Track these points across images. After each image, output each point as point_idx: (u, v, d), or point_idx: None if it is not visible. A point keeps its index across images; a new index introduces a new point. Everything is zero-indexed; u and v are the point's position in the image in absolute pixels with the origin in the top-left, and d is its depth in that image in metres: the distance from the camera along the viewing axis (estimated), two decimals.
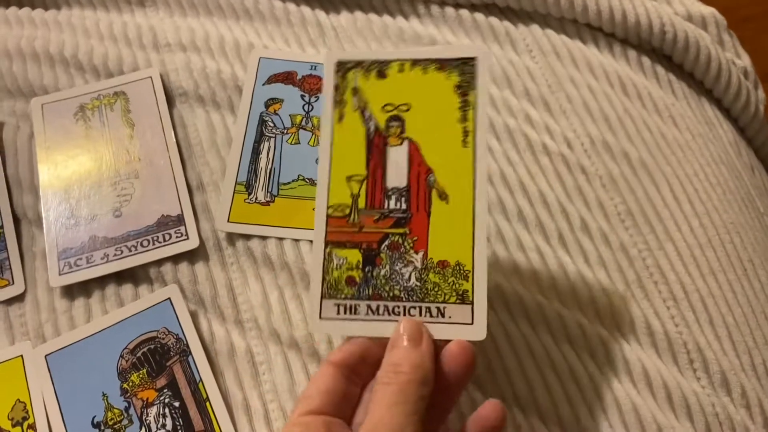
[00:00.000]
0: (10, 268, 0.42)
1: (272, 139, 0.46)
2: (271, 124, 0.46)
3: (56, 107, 0.48)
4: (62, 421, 0.37)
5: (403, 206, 0.34)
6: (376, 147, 0.35)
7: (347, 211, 0.35)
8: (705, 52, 0.51)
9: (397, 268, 0.34)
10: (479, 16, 0.51)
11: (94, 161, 0.45)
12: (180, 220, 0.43)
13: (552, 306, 0.42)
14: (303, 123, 0.47)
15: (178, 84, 0.48)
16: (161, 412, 0.38)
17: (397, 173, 0.35)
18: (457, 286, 0.33)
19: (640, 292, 0.43)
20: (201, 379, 0.39)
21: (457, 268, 0.33)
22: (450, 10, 0.52)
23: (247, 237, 0.43)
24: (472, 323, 0.32)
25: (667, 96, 0.50)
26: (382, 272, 0.34)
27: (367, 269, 0.34)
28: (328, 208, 0.34)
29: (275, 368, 0.40)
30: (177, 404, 0.38)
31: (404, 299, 0.33)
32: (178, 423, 0.38)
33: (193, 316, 0.41)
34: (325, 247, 0.34)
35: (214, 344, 0.40)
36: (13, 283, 0.42)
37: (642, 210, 0.45)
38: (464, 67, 0.35)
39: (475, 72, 0.34)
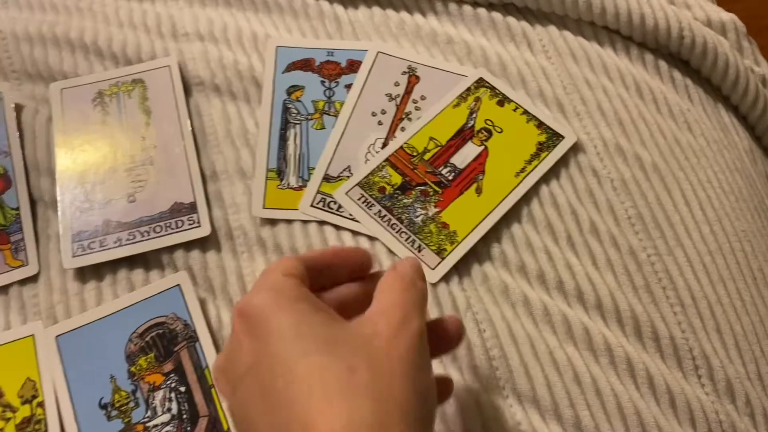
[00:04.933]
0: (25, 250, 0.43)
1: (298, 126, 0.47)
2: (295, 111, 0.47)
3: (75, 92, 0.48)
4: (71, 402, 0.38)
5: (449, 178, 0.45)
6: (462, 135, 0.47)
7: (415, 153, 0.46)
8: (723, 58, 0.51)
9: (415, 205, 0.44)
10: (497, 15, 0.51)
11: (110, 147, 0.46)
12: (193, 207, 0.44)
13: (557, 306, 0.42)
14: (326, 108, 0.48)
15: (195, 73, 0.49)
16: (167, 396, 0.38)
17: (462, 158, 0.46)
18: (442, 242, 0.43)
19: (648, 297, 0.42)
20: (207, 366, 0.39)
21: (452, 233, 0.43)
22: (468, 9, 0.52)
23: (273, 223, 0.44)
24: (433, 269, 0.42)
25: (683, 101, 0.50)
26: (405, 201, 0.44)
27: (397, 191, 0.45)
28: (405, 143, 0.46)
29: None
30: (183, 389, 0.39)
31: (405, 225, 0.43)
32: (183, 408, 0.38)
33: (202, 302, 0.42)
34: (384, 161, 0.45)
35: (221, 331, 0.41)
36: (28, 264, 0.43)
37: (653, 215, 0.45)
38: (553, 137, 0.47)
39: (557, 144, 0.46)
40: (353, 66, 0.49)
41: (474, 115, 0.48)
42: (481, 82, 0.49)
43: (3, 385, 0.39)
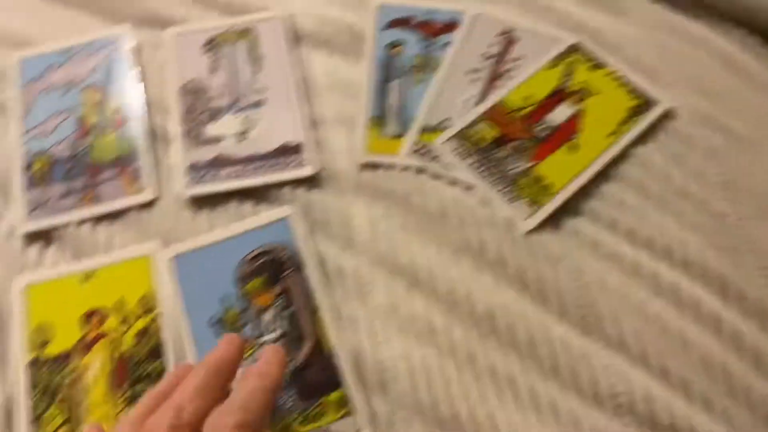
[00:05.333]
0: (143, 178, 0.46)
1: (398, 79, 0.49)
2: (396, 65, 0.50)
3: (188, 38, 0.51)
4: (185, 318, 0.41)
5: (543, 135, 0.47)
6: (557, 96, 0.49)
7: (510, 110, 0.48)
8: None
9: (510, 158, 0.46)
10: None
11: (222, 89, 0.49)
12: (300, 149, 0.46)
13: (646, 262, 0.43)
14: (424, 64, 0.50)
15: (301, 26, 0.51)
16: (275, 317, 0.41)
17: (556, 117, 0.48)
18: (535, 195, 0.45)
19: (735, 259, 0.43)
20: (313, 292, 0.41)
21: (545, 187, 0.45)
22: None
23: (374, 167, 0.46)
24: (526, 219, 0.44)
25: None
26: (500, 154, 0.46)
27: (492, 145, 0.47)
28: (501, 100, 0.48)
29: (380, 291, 0.42)
30: (290, 312, 0.41)
31: (499, 176, 0.45)
32: (289, 329, 0.41)
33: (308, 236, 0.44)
34: (480, 116, 0.48)
35: (324, 264, 0.43)
36: (145, 191, 0.46)
37: (741, 182, 0.46)
38: (645, 103, 0.48)
39: (650, 110, 0.48)
40: (451, 26, 0.51)
41: (569, 78, 0.49)
42: (576, 47, 0.50)
43: (122, 298, 0.42)
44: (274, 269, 0.42)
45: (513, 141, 0.47)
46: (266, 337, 0.40)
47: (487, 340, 0.41)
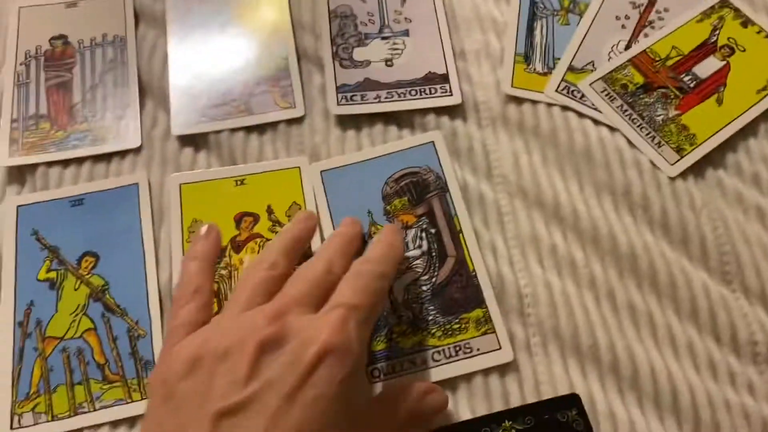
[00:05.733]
0: (293, 94, 0.47)
1: (544, 19, 0.49)
2: (542, 6, 0.50)
3: None
4: (333, 228, 0.42)
5: (690, 85, 0.47)
6: (704, 49, 0.48)
7: (658, 58, 0.48)
8: None
9: (656, 105, 0.46)
10: None
11: (370, 14, 0.50)
12: (445, 78, 0.47)
13: None
14: (571, 7, 0.50)
15: None
16: (418, 235, 0.42)
17: (704, 69, 0.48)
18: (681, 142, 0.45)
19: None
20: (456, 214, 0.42)
21: (691, 135, 0.45)
22: None
23: (519, 101, 0.46)
24: (672, 164, 0.44)
25: None
26: (647, 100, 0.46)
27: (639, 90, 0.47)
28: (648, 48, 0.48)
29: (520, 220, 0.43)
30: (433, 231, 0.42)
31: (645, 121, 0.46)
32: (432, 246, 0.42)
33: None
34: (627, 61, 0.48)
35: (466, 191, 0.44)
36: (295, 107, 0.47)
37: None
38: None
39: None
40: None
41: (717, 32, 0.49)
42: (725, 2, 0.50)
43: (272, 204, 0.43)
44: (418, 190, 0.43)
45: (660, 88, 0.46)
46: (409, 253, 0.42)
47: (627, 278, 0.41)
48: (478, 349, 0.39)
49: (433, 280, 0.41)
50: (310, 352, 0.29)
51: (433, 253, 0.42)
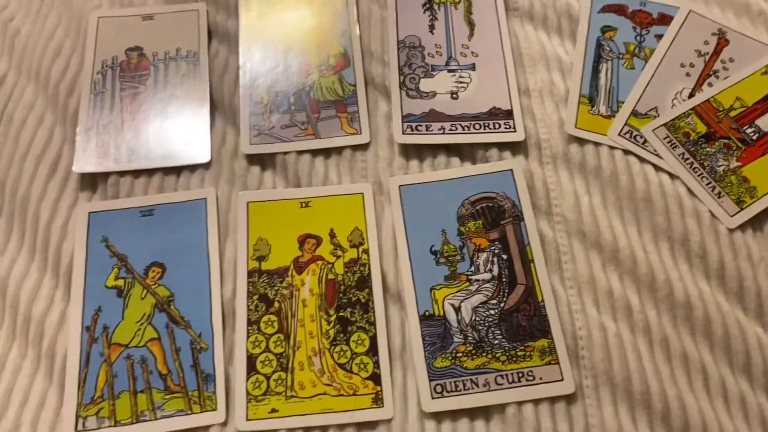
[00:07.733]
0: (359, 121, 0.48)
1: (609, 62, 0.50)
2: (608, 48, 0.50)
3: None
4: (406, 242, 0.44)
5: (753, 137, 0.48)
6: (767, 102, 0.48)
7: (721, 108, 0.48)
8: None
9: (718, 155, 0.47)
10: None
11: (438, 46, 0.51)
12: (509, 114, 0.48)
13: None
14: (636, 51, 0.51)
15: (514, 0, 0.53)
16: (490, 259, 0.43)
17: (767, 122, 0.48)
18: (742, 194, 0.45)
19: None
20: (529, 243, 0.43)
21: (752, 188, 0.45)
22: None
23: (581, 142, 0.47)
24: (732, 216, 0.45)
25: None
26: (708, 149, 0.47)
27: (701, 139, 0.47)
28: (712, 97, 0.48)
29: (578, 261, 0.44)
30: (505, 257, 0.43)
31: (706, 170, 0.46)
32: (503, 272, 0.43)
33: None
34: (690, 109, 0.48)
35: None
36: (361, 134, 0.48)
37: None
38: None
39: None
40: (664, 19, 0.52)
41: None
42: None
43: (335, 228, 0.45)
44: (493, 215, 0.44)
45: (722, 138, 0.47)
46: (480, 276, 0.43)
47: (681, 327, 0.42)
48: (540, 378, 0.40)
49: (501, 305, 0.42)
50: None
51: (504, 279, 0.43)
